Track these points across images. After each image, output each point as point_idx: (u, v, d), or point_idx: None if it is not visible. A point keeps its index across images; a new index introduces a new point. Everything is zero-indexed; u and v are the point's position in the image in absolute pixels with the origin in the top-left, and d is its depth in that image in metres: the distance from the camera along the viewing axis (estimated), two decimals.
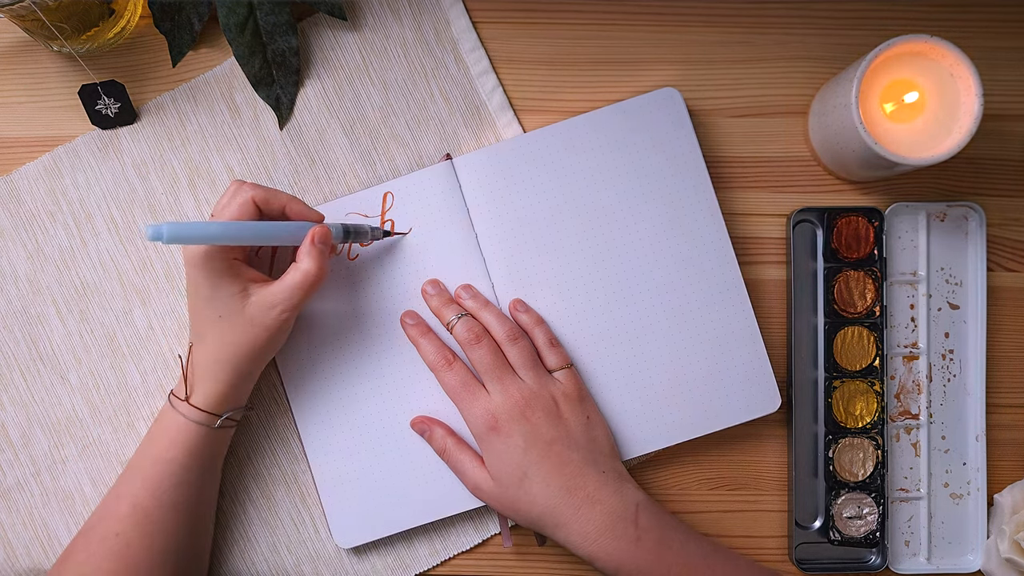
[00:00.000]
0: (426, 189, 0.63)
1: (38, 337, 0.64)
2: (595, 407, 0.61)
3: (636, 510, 0.57)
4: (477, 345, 0.60)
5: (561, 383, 0.60)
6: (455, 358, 0.60)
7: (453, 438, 0.61)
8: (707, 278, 0.62)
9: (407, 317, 0.62)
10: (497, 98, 0.64)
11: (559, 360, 0.61)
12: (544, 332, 0.61)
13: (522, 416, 0.58)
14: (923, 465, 0.64)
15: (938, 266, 0.65)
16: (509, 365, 0.60)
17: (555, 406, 0.59)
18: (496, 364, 0.59)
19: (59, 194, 0.64)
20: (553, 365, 0.61)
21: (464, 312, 0.61)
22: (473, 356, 0.60)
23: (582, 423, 0.59)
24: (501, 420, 0.58)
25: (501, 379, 0.59)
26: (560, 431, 0.58)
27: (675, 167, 0.62)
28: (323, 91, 0.64)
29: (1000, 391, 0.65)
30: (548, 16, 0.65)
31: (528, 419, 0.58)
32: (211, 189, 0.64)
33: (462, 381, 0.60)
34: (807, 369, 0.64)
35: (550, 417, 0.58)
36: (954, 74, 0.58)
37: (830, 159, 0.63)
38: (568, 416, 0.59)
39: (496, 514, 0.64)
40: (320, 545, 0.64)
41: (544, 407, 0.58)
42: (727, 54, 0.65)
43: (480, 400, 0.59)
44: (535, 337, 0.61)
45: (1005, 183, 0.65)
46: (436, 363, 0.61)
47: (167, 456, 0.57)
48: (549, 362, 0.61)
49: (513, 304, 0.62)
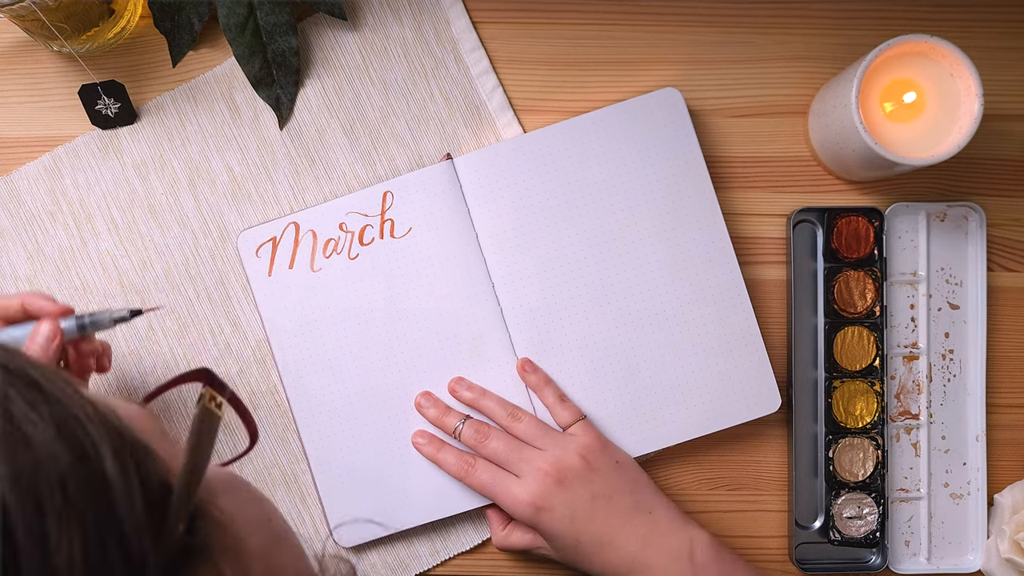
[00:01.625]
0: (426, 189, 0.63)
1: None
2: (618, 449, 0.61)
3: (691, 546, 0.57)
4: (487, 441, 0.60)
5: (580, 437, 0.60)
6: (475, 459, 0.60)
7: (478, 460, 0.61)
8: (707, 278, 0.62)
9: (418, 437, 0.62)
10: (497, 98, 0.64)
11: (572, 415, 0.61)
12: (553, 391, 0.62)
13: (558, 486, 0.58)
14: (923, 465, 0.64)
15: (938, 266, 0.65)
16: (525, 443, 0.60)
17: (584, 463, 0.59)
18: (512, 448, 0.60)
19: (59, 194, 0.64)
20: (567, 421, 0.61)
21: (464, 417, 0.61)
22: (488, 452, 0.60)
23: (613, 469, 0.59)
24: (540, 500, 0.58)
25: (524, 459, 0.59)
26: (597, 485, 0.58)
27: (675, 167, 0.62)
28: (323, 91, 0.64)
29: (1000, 391, 0.65)
30: (548, 16, 0.65)
31: (564, 486, 0.58)
32: (211, 189, 0.64)
33: (491, 477, 0.59)
34: (807, 369, 0.64)
35: (583, 476, 0.58)
36: (954, 74, 0.58)
37: (830, 159, 0.63)
38: (599, 467, 0.59)
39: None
40: (320, 545, 0.64)
41: (574, 469, 0.58)
42: (727, 54, 0.65)
43: (514, 489, 0.59)
44: (544, 397, 0.62)
45: (1005, 183, 0.65)
46: (460, 472, 0.60)
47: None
48: (562, 419, 0.61)
49: (521, 365, 0.62)
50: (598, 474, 0.59)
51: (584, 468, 0.58)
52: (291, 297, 0.63)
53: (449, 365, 0.62)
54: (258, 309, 0.63)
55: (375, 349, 0.63)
